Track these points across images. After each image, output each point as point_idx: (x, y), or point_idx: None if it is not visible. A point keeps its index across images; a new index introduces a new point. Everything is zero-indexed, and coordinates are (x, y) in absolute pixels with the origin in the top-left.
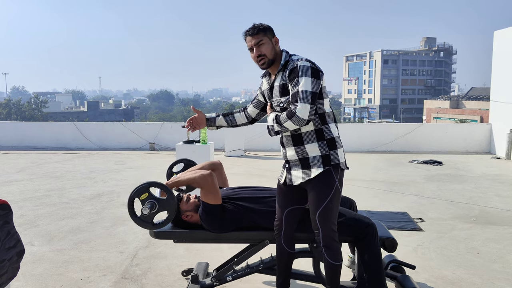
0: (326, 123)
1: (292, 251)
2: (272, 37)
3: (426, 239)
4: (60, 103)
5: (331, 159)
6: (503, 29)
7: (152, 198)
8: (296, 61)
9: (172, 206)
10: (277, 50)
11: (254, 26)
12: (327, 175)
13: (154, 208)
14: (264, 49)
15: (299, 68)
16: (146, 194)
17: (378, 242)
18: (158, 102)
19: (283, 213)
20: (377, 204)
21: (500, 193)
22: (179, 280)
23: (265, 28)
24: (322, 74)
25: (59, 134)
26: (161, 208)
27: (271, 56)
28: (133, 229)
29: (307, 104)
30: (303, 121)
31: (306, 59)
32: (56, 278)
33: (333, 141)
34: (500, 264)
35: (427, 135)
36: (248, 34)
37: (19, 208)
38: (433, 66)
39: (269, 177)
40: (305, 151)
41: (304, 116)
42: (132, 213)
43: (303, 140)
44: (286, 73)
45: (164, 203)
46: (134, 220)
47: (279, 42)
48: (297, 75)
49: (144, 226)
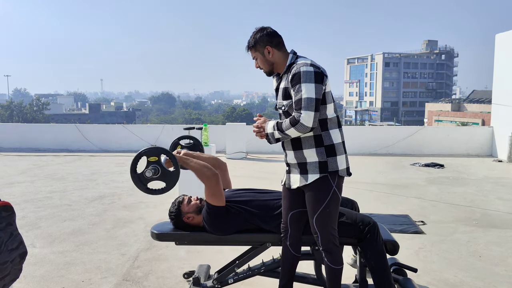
0: (327, 129)
1: (298, 254)
2: (264, 48)
3: (427, 242)
4: (62, 105)
5: (328, 166)
6: (505, 32)
7: (159, 165)
8: (300, 66)
9: (172, 181)
10: (272, 59)
11: (248, 42)
12: (324, 181)
13: (156, 174)
14: (259, 63)
15: (302, 74)
16: (156, 158)
17: (381, 240)
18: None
19: (287, 216)
20: (378, 207)
21: (502, 196)
22: (181, 282)
23: (255, 42)
24: (326, 77)
25: (61, 136)
26: (162, 178)
27: (267, 68)
28: (135, 231)
29: (311, 112)
30: (307, 129)
31: (310, 63)
32: (58, 280)
33: (332, 147)
34: (502, 267)
35: (428, 138)
36: (246, 50)
37: (20, 210)
38: (434, 69)
39: (270, 179)
40: (303, 155)
41: (308, 123)
42: (133, 169)
43: (302, 144)
44: (289, 77)
45: (167, 174)
46: (132, 176)
47: (273, 51)
48: (299, 81)
49: (138, 186)
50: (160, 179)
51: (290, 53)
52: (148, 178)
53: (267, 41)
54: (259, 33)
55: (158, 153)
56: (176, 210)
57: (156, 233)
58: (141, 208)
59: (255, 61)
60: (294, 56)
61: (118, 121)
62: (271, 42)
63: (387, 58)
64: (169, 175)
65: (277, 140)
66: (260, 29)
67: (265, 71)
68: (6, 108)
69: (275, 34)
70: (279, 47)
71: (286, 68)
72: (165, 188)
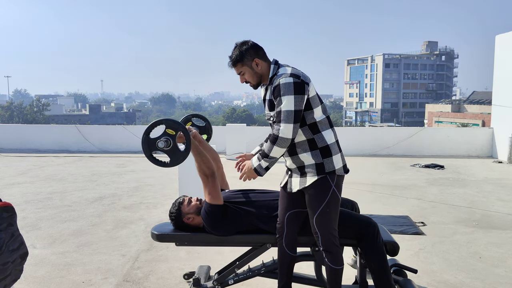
0: (319, 132)
1: (294, 254)
2: (252, 61)
3: (428, 243)
4: (62, 106)
5: (325, 167)
6: (505, 33)
7: (173, 139)
8: (279, 78)
9: (178, 159)
10: (261, 70)
11: (231, 57)
12: (323, 182)
13: (167, 147)
14: (247, 77)
15: (281, 87)
16: (174, 132)
17: (382, 241)
18: (159, 105)
19: (285, 216)
20: (378, 208)
21: (502, 197)
22: (181, 283)
23: (242, 55)
24: (307, 85)
25: (61, 137)
26: (170, 153)
27: (255, 81)
28: (135, 232)
29: (289, 124)
30: (288, 140)
31: (290, 73)
32: (58, 281)
33: (327, 149)
34: (502, 268)
35: (428, 139)
36: (229, 66)
37: (21, 211)
38: (434, 70)
39: (270, 180)
40: (300, 160)
41: (287, 135)
42: (147, 132)
43: (297, 149)
44: (272, 89)
45: (176, 151)
46: (143, 138)
47: (261, 62)
48: (279, 93)
49: (145, 150)
50: (168, 153)
51: (272, 63)
52: (159, 148)
53: (254, 53)
54: (244, 46)
55: (177, 127)
56: (176, 211)
57: (156, 234)
58: (141, 209)
59: (241, 76)
60: (276, 66)
61: (118, 122)
62: (258, 54)
63: (387, 59)
64: (178, 153)
65: (266, 168)
66: (243, 42)
67: (253, 84)
68: (7, 109)
69: (259, 46)
70: (265, 58)
71: (269, 80)
72: (169, 163)
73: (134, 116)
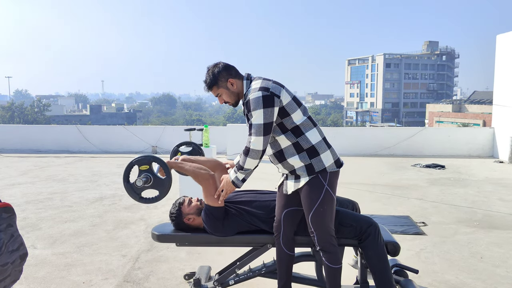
0: (302, 133)
1: (292, 253)
2: (226, 82)
3: (429, 243)
4: (63, 106)
5: (315, 167)
6: (506, 33)
7: (150, 173)
8: (250, 94)
9: (165, 189)
10: (237, 89)
11: (205, 82)
12: (315, 181)
13: (148, 183)
14: (225, 98)
15: (251, 102)
16: (147, 166)
17: (382, 241)
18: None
19: (281, 214)
20: (379, 208)
21: (503, 197)
22: (181, 283)
23: (216, 78)
24: (277, 97)
25: (62, 137)
26: (155, 186)
27: (233, 100)
28: (135, 232)
29: (259, 137)
30: (259, 152)
31: (259, 87)
32: (59, 281)
33: (313, 149)
34: (504, 268)
35: (429, 139)
36: (205, 90)
37: (21, 211)
38: (435, 70)
39: (270, 180)
40: (289, 164)
41: (258, 147)
42: (126, 178)
43: (285, 155)
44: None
45: (159, 182)
46: (125, 185)
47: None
48: (249, 109)
49: (131, 195)
50: (153, 187)
51: (244, 79)
52: (139, 187)
53: (227, 74)
54: (215, 68)
55: (148, 161)
56: (176, 211)
57: (157, 234)
58: (142, 209)
59: (219, 98)
60: (248, 81)
61: (119, 122)
62: (231, 74)
63: (388, 59)
64: (161, 183)
65: (243, 180)
66: (214, 65)
67: (232, 103)
68: (7, 110)
69: (230, 66)
70: (239, 76)
71: (244, 96)
72: (158, 196)
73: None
